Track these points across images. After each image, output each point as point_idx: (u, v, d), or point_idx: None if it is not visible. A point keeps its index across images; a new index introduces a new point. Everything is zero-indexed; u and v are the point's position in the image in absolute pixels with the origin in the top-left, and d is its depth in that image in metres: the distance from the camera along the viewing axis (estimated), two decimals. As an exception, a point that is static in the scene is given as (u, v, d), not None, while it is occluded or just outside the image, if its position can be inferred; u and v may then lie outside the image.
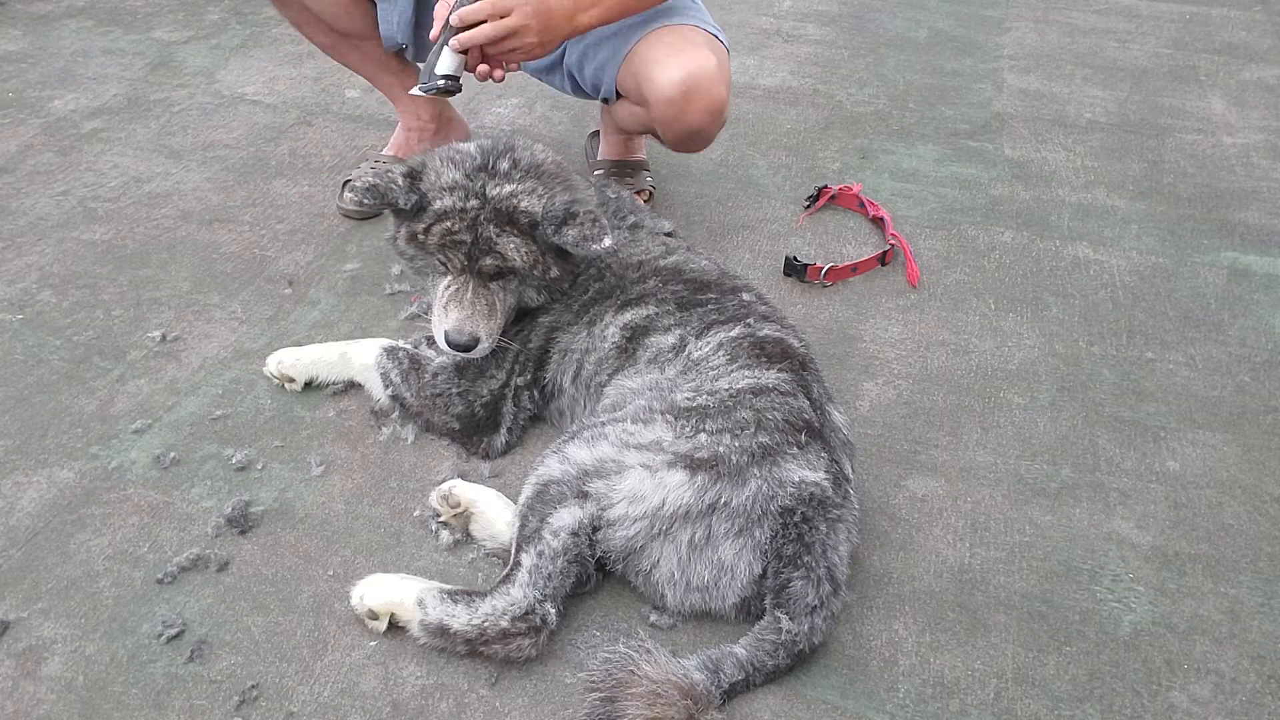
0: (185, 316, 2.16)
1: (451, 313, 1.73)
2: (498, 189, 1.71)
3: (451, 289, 1.75)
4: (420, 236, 1.74)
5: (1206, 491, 1.80)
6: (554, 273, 1.76)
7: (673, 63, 2.07)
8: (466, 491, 1.66)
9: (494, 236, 1.70)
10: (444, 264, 1.75)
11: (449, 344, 1.74)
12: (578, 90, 2.36)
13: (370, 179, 1.75)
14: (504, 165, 1.74)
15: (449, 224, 1.71)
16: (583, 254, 1.71)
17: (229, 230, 2.44)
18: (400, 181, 1.74)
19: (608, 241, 1.68)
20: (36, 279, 2.26)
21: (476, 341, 1.73)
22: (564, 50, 2.32)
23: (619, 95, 2.26)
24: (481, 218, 1.70)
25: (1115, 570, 1.65)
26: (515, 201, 1.71)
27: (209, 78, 3.20)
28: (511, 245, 1.71)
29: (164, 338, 2.08)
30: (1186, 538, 1.71)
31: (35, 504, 1.71)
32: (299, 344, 2.01)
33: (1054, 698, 1.45)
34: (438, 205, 1.72)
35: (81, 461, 1.80)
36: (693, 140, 2.21)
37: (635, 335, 1.73)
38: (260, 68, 3.27)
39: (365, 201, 1.75)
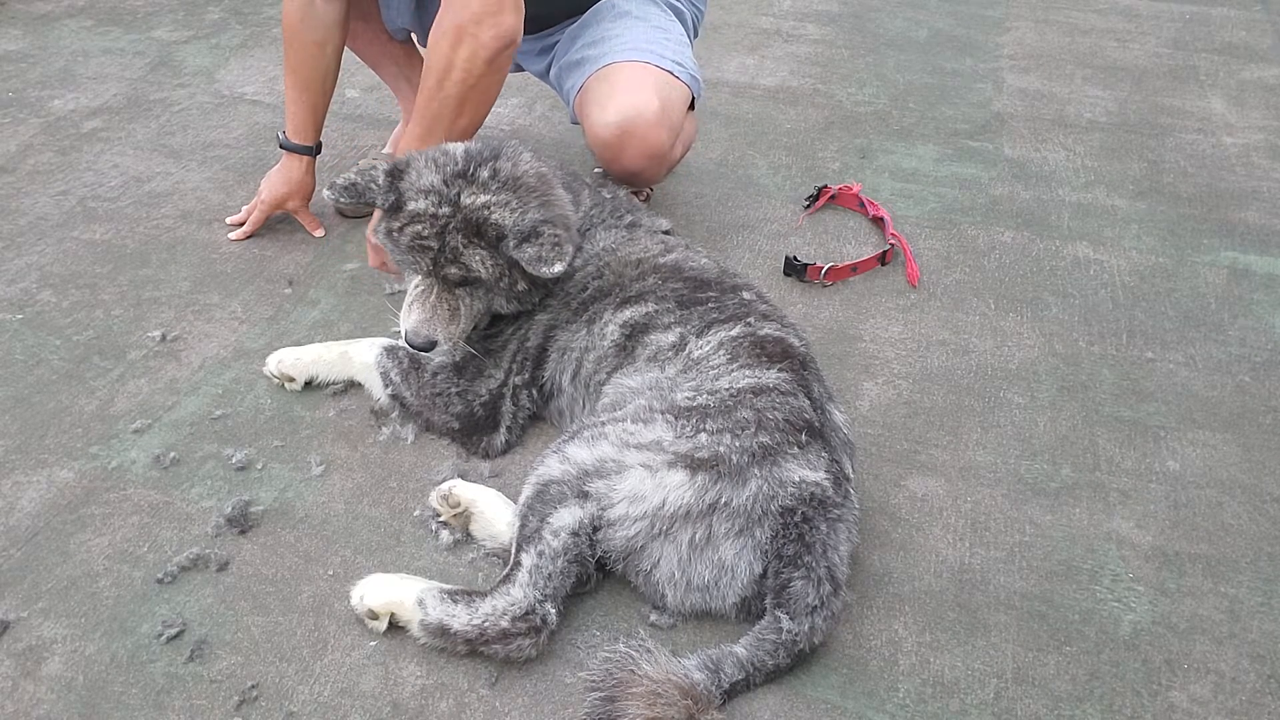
0: (185, 316, 2.16)
1: (414, 312, 1.75)
2: (472, 198, 1.70)
3: (419, 289, 1.77)
4: (394, 234, 1.74)
5: (1206, 491, 1.80)
6: (521, 286, 1.75)
7: (610, 106, 2.09)
8: (466, 491, 1.66)
9: (460, 247, 1.70)
10: (412, 264, 1.75)
11: (407, 343, 1.76)
12: None
13: (351, 176, 1.76)
14: (484, 174, 1.72)
15: (419, 228, 1.70)
16: (534, 274, 1.70)
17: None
18: (381, 180, 1.74)
19: (558, 267, 1.68)
20: (36, 279, 2.26)
21: (433, 344, 1.75)
22: (551, 61, 2.33)
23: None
24: (451, 226, 1.69)
25: (1115, 570, 1.65)
26: (487, 213, 1.69)
27: (209, 78, 3.20)
28: (477, 257, 1.70)
29: (164, 338, 2.08)
30: (1186, 538, 1.71)
31: (35, 504, 1.71)
32: (299, 344, 2.01)
33: (1054, 698, 1.45)
34: (411, 207, 1.72)
35: (81, 461, 1.80)
36: (634, 180, 2.23)
37: (635, 333, 1.73)
38: (260, 68, 3.27)
39: (342, 200, 1.77)
